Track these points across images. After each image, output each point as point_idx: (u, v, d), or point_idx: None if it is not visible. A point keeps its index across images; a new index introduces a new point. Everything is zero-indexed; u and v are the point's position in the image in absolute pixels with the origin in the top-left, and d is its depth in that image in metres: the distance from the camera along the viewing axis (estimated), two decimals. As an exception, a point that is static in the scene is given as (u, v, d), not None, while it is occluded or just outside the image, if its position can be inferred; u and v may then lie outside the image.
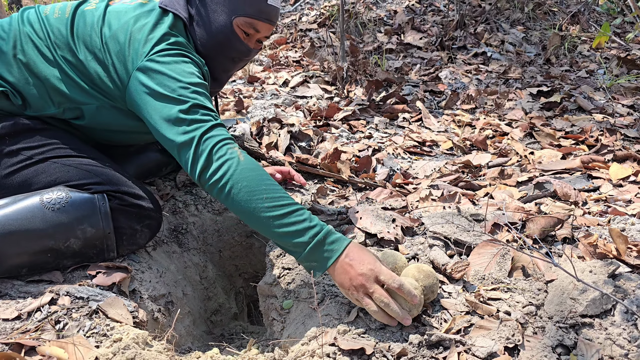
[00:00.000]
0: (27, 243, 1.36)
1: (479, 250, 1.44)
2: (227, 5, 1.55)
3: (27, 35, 1.52)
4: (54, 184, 1.46)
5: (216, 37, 1.58)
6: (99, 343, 1.21)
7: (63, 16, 1.56)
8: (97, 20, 1.53)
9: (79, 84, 1.52)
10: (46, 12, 1.57)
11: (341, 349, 1.19)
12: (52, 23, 1.54)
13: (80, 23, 1.54)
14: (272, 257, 1.62)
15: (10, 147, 1.47)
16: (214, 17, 1.56)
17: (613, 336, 1.15)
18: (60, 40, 1.52)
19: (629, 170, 2.02)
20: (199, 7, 1.57)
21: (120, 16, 1.53)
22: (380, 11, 4.42)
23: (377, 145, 2.44)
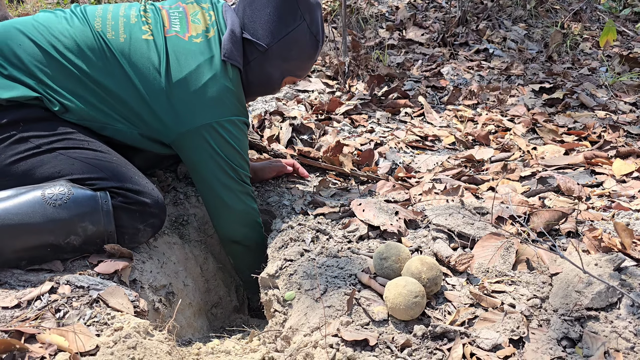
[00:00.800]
0: (27, 238, 1.35)
1: (483, 243, 1.43)
2: (283, 67, 1.73)
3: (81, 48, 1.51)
4: (58, 176, 1.43)
5: (264, 86, 1.76)
6: (100, 332, 1.19)
7: (118, 39, 1.55)
8: (160, 57, 1.55)
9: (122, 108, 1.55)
10: (98, 27, 1.55)
11: (344, 340, 1.18)
12: (107, 42, 1.54)
13: (138, 54, 1.54)
14: (274, 248, 1.61)
15: (22, 133, 1.44)
16: (269, 71, 1.72)
17: (619, 329, 1.14)
18: (115, 65, 1.53)
19: (632, 167, 2.02)
20: (258, 60, 1.69)
21: (184, 60, 1.56)
22: (382, 7, 4.40)
23: (379, 140, 2.43)
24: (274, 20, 1.64)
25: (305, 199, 1.86)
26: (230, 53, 1.60)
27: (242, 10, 1.68)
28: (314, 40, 1.71)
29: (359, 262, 1.43)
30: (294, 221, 1.70)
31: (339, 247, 1.52)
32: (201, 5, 1.70)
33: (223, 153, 1.60)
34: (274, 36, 1.65)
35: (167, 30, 1.60)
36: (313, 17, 1.69)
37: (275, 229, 1.70)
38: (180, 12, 1.67)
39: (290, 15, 1.65)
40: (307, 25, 1.67)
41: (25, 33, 1.50)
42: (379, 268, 1.33)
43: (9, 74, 1.46)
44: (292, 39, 1.67)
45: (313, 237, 1.59)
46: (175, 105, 1.55)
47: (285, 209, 1.82)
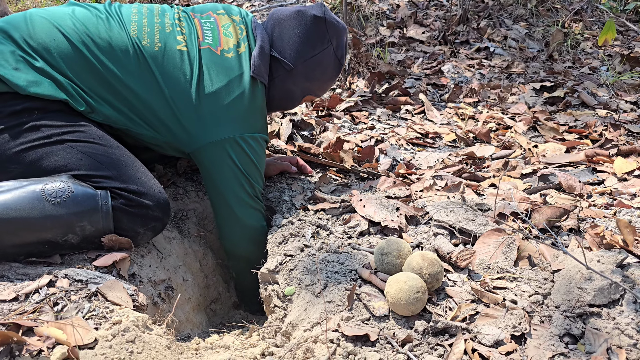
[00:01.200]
0: (24, 233, 1.33)
1: (484, 239, 1.43)
2: (305, 86, 1.78)
3: (116, 53, 1.51)
4: (64, 170, 1.41)
5: (284, 101, 1.81)
6: (98, 325, 1.18)
7: (153, 48, 1.55)
8: (193, 69, 1.56)
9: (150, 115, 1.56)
10: (134, 32, 1.55)
11: (345, 335, 1.17)
12: (142, 50, 1.54)
13: (172, 64, 1.55)
14: (274, 244, 1.60)
15: (34, 122, 1.42)
16: (291, 89, 1.77)
17: (621, 326, 1.13)
18: (148, 73, 1.53)
19: (634, 165, 2.01)
20: (282, 77, 1.73)
21: (216, 75, 1.58)
22: (383, 5, 4.39)
23: (379, 136, 2.42)
24: (302, 41, 1.69)
25: (305, 194, 1.85)
26: (258, 70, 1.63)
27: (272, 28, 1.72)
28: (338, 64, 1.77)
29: (359, 257, 1.42)
30: (294, 217, 1.69)
31: (339, 243, 1.51)
32: (232, 18, 1.72)
33: (243, 167, 1.63)
34: (301, 57, 1.70)
35: (201, 42, 1.62)
36: (339, 42, 1.74)
37: (276, 224, 1.69)
38: (211, 23, 1.68)
39: (319, 38, 1.70)
40: (333, 50, 1.73)
41: (60, 29, 1.49)
42: (380, 263, 1.32)
43: (40, 66, 1.44)
44: (317, 61, 1.72)
45: (313, 232, 1.58)
46: (202, 117, 1.57)
47: (286, 205, 1.81)
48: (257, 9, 4.38)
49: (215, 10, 1.74)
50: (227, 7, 1.77)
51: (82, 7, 1.59)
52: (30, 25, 1.49)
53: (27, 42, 1.46)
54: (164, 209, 1.49)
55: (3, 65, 1.41)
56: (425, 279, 1.23)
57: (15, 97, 1.41)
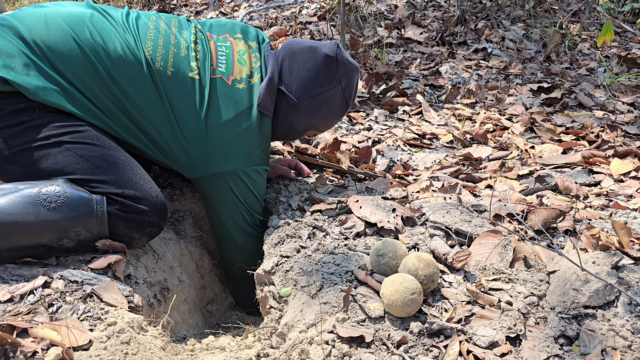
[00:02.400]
0: (19, 238, 1.33)
1: (480, 241, 1.43)
2: (309, 122, 1.76)
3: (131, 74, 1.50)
4: (61, 173, 1.41)
5: (286, 134, 1.80)
6: (93, 326, 1.18)
7: (165, 72, 1.54)
8: (202, 99, 1.56)
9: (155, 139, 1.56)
10: (149, 52, 1.53)
11: (340, 337, 1.17)
12: (155, 72, 1.53)
13: (182, 91, 1.55)
14: (270, 245, 1.60)
15: (34, 121, 1.41)
16: (294, 123, 1.75)
17: (616, 327, 1.13)
18: (157, 97, 1.53)
19: (630, 166, 2.01)
20: (285, 111, 1.72)
21: (224, 106, 1.58)
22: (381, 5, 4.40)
23: (376, 137, 2.42)
24: (311, 78, 1.68)
25: (302, 195, 1.85)
26: (264, 103, 1.63)
27: (282, 60, 1.71)
28: (345, 104, 1.76)
29: (355, 258, 1.42)
30: (290, 218, 1.69)
31: (335, 244, 1.51)
32: (248, 44, 1.72)
33: (243, 199, 1.67)
34: (307, 93, 1.69)
35: (214, 70, 1.60)
36: (349, 82, 1.73)
37: (272, 225, 1.69)
38: (227, 48, 1.67)
39: (328, 77, 1.69)
40: (342, 90, 1.72)
41: (77, 39, 1.47)
42: (376, 265, 1.32)
43: (52, 74, 1.43)
44: (323, 99, 1.71)
45: (310, 233, 1.58)
46: (207, 147, 1.57)
47: (282, 206, 1.81)
48: (255, 9, 4.38)
49: (232, 33, 1.73)
50: (245, 30, 1.76)
51: (100, 14, 1.56)
52: (47, 30, 1.45)
53: (40, 46, 1.43)
54: (160, 214, 1.48)
55: (14, 69, 1.39)
56: (420, 280, 1.23)
57: (19, 95, 1.40)
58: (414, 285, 1.19)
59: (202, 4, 4.70)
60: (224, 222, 1.71)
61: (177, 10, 4.69)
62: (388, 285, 1.21)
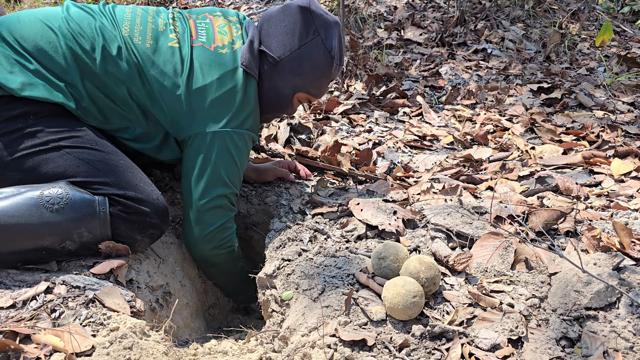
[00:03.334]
0: (21, 240, 1.33)
1: (481, 243, 1.43)
2: (295, 82, 1.69)
3: (108, 53, 1.50)
4: (62, 177, 1.41)
5: (274, 100, 1.72)
6: (96, 332, 1.18)
7: (144, 45, 1.55)
8: (184, 64, 1.56)
9: (144, 111, 1.56)
10: (126, 31, 1.55)
11: (342, 340, 1.17)
12: (133, 47, 1.54)
13: (162, 59, 1.55)
14: (272, 248, 1.60)
15: (31, 127, 1.42)
16: (279, 85, 1.69)
17: (618, 329, 1.14)
18: (138, 69, 1.53)
19: (631, 166, 2.01)
20: (270, 72, 1.68)
21: (207, 70, 1.57)
22: (380, 7, 4.40)
23: (377, 139, 2.42)
24: (288, 33, 1.65)
25: (303, 198, 1.85)
26: (248, 62, 1.61)
27: (261, 25, 1.70)
28: (328, 57, 1.67)
29: (357, 261, 1.43)
30: (291, 221, 1.69)
31: (337, 247, 1.51)
32: (228, 19, 1.71)
33: (221, 163, 1.59)
34: (286, 49, 1.65)
35: (194, 40, 1.61)
36: (328, 34, 1.67)
37: (273, 228, 1.69)
38: (207, 24, 1.67)
39: (305, 29, 1.65)
40: (322, 41, 1.66)
41: (53, 29, 1.49)
42: (377, 268, 1.33)
43: (34, 68, 1.44)
44: (304, 53, 1.66)
45: (311, 236, 1.58)
46: (192, 110, 1.56)
47: (283, 209, 1.81)
48: (254, 11, 4.39)
49: (211, 12, 1.73)
50: (224, 10, 1.77)
51: (76, 6, 1.58)
52: (23, 27, 1.48)
53: (20, 43, 1.45)
54: (161, 216, 1.49)
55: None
56: (422, 282, 1.23)
57: (11, 101, 1.41)
58: (416, 288, 1.20)
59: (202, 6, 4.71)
60: (191, 183, 1.60)
61: (177, 13, 4.70)
62: (389, 288, 1.21)
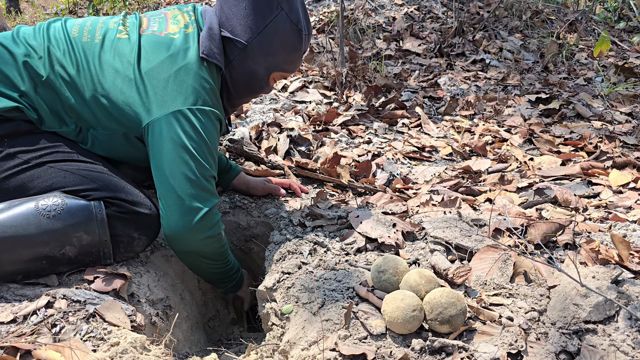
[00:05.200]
0: (21, 250, 1.34)
1: (480, 256, 1.43)
2: (268, 62, 1.64)
3: (54, 55, 1.50)
4: (50, 189, 1.43)
5: (250, 84, 1.67)
6: (96, 347, 1.19)
7: (92, 41, 1.54)
8: (132, 50, 1.53)
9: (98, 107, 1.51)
10: (74, 34, 1.55)
11: (342, 354, 1.17)
12: (80, 46, 1.53)
13: (110, 51, 1.53)
14: (272, 261, 1.61)
15: (8, 149, 1.44)
16: (252, 68, 1.64)
17: (617, 342, 1.14)
18: (86, 64, 1.51)
19: (629, 177, 2.02)
20: (239, 58, 1.62)
21: (156, 51, 1.52)
22: (379, 18, 4.43)
23: (376, 150, 2.43)
24: (250, 14, 1.58)
25: (303, 211, 1.86)
26: (209, 51, 1.54)
27: (219, 9, 1.62)
28: (296, 30, 1.61)
29: (356, 274, 1.43)
30: (291, 233, 1.70)
31: (336, 260, 1.52)
32: (183, 10, 1.68)
33: (189, 142, 1.46)
34: (252, 31, 1.58)
35: (144, 30, 1.59)
36: (292, 6, 1.60)
37: (273, 241, 1.70)
38: (161, 18, 1.65)
39: (266, 6, 1.57)
40: (286, 14, 1.58)
41: (2, 43, 1.50)
42: (377, 281, 1.33)
43: None
44: (271, 31, 1.59)
45: (311, 249, 1.59)
46: (145, 94, 1.49)
47: (283, 221, 1.82)
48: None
49: (167, 9, 1.71)
50: (180, 5, 1.73)
51: (28, 27, 1.60)
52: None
53: None
54: (154, 215, 1.51)
55: None
56: (422, 296, 1.24)
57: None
58: (415, 302, 1.20)
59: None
60: (165, 174, 1.47)
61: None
62: (389, 302, 1.22)
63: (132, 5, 5.05)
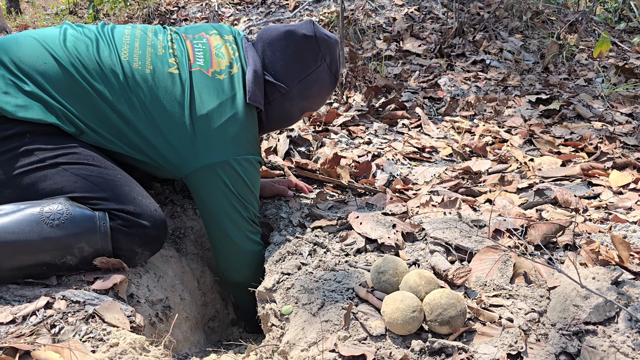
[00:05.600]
0: (22, 256, 1.34)
1: (480, 256, 1.43)
2: (303, 105, 1.77)
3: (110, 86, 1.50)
4: (60, 193, 1.42)
5: (283, 121, 1.80)
6: (95, 348, 1.18)
7: (144, 70, 1.54)
8: (183, 92, 1.55)
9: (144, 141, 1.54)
10: (125, 56, 1.55)
11: (342, 355, 1.17)
12: (131, 75, 1.53)
13: (162, 88, 1.54)
14: (271, 262, 1.60)
15: (27, 146, 1.42)
16: (289, 109, 1.75)
17: (617, 344, 1.14)
18: (137, 101, 1.52)
19: (629, 178, 2.02)
20: (278, 100, 1.72)
21: (206, 96, 1.56)
22: (379, 18, 4.43)
23: (376, 151, 2.43)
24: (295, 62, 1.67)
25: (302, 211, 1.85)
26: (254, 96, 1.62)
27: (262, 50, 1.70)
28: (333, 78, 1.75)
29: (356, 275, 1.43)
30: (291, 234, 1.70)
31: (336, 261, 1.52)
32: (224, 38, 1.71)
33: (236, 190, 1.60)
34: (295, 78, 1.69)
35: (192, 65, 1.60)
36: (333, 57, 1.72)
37: (273, 242, 1.70)
38: (204, 44, 1.67)
39: (312, 57, 1.68)
40: (327, 66, 1.71)
41: (51, 51, 1.48)
42: (377, 282, 1.33)
43: (30, 90, 1.44)
44: (312, 80, 1.71)
45: (310, 250, 1.58)
46: (194, 140, 1.55)
47: (283, 222, 1.82)
48: (254, 23, 4.42)
49: (207, 31, 1.73)
50: (219, 27, 1.76)
51: (74, 28, 1.58)
52: (21, 48, 1.48)
53: (16, 65, 1.45)
54: (160, 229, 1.49)
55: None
56: (422, 297, 1.24)
57: (6, 122, 1.41)
58: (415, 303, 1.20)
59: (202, 18, 4.74)
60: (217, 220, 1.62)
61: (177, 24, 4.73)
62: (389, 303, 1.21)
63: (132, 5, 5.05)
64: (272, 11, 4.78)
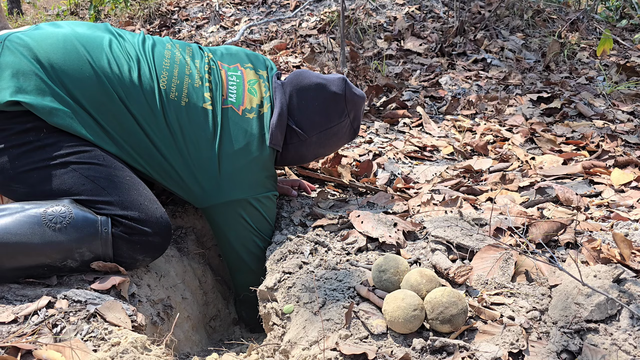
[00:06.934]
0: (23, 258, 1.34)
1: (481, 255, 1.43)
2: (318, 152, 1.82)
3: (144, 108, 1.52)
4: (66, 194, 1.42)
5: (295, 162, 1.85)
6: (97, 347, 1.19)
7: (179, 103, 1.56)
8: (214, 129, 1.58)
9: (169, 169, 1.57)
10: (163, 84, 1.55)
11: (343, 354, 1.17)
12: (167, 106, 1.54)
13: (195, 119, 1.56)
14: (272, 261, 1.60)
15: (42, 141, 1.42)
16: (304, 154, 1.79)
17: (619, 341, 1.14)
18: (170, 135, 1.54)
19: (631, 176, 2.02)
20: (296, 145, 1.75)
21: (235, 135, 1.60)
22: (380, 17, 4.43)
23: (377, 150, 2.43)
24: (320, 115, 1.71)
25: (303, 210, 1.85)
26: (275, 139, 1.66)
27: (290, 94, 1.72)
28: (353, 133, 1.81)
29: (357, 274, 1.43)
30: (292, 233, 1.70)
31: (337, 260, 1.52)
32: (259, 74, 1.74)
33: (256, 226, 1.68)
34: (316, 128, 1.73)
35: (225, 101, 1.63)
36: (357, 114, 1.77)
37: (274, 241, 1.70)
38: (238, 77, 1.69)
39: (337, 112, 1.71)
40: (350, 121, 1.76)
41: (94, 65, 1.48)
42: (378, 280, 1.33)
43: (67, 98, 1.45)
44: (332, 132, 1.75)
45: (312, 249, 1.58)
46: (218, 177, 1.58)
47: (284, 221, 1.82)
48: (255, 23, 4.42)
49: (243, 63, 1.75)
50: (255, 59, 1.79)
51: (117, 40, 1.57)
52: (64, 54, 1.47)
53: (55, 70, 1.44)
54: (164, 235, 1.49)
55: (29, 92, 1.40)
56: (423, 296, 1.24)
57: (27, 114, 1.41)
58: (416, 301, 1.20)
59: (203, 18, 4.75)
60: (236, 250, 1.70)
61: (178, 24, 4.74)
62: (390, 302, 1.21)
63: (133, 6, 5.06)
64: (272, 11, 4.78)
